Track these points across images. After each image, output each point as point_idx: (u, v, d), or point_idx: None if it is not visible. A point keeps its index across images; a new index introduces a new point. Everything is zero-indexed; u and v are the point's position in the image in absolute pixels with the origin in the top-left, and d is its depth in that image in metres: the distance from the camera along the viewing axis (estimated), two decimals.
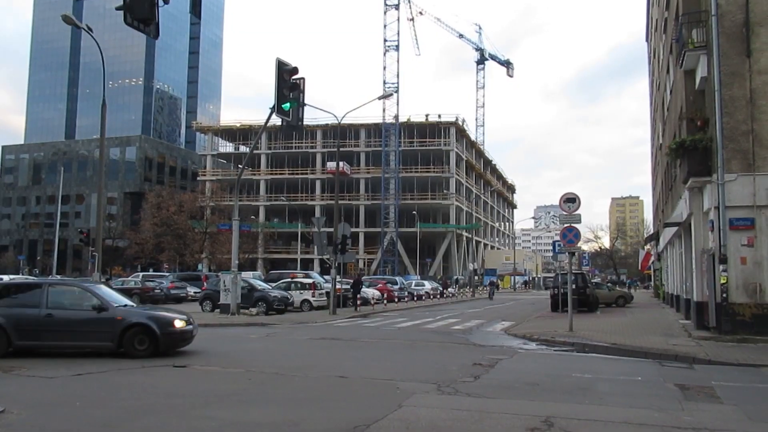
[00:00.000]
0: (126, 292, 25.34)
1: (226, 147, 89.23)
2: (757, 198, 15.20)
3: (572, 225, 17.90)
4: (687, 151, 16.39)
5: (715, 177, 15.54)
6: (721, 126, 15.40)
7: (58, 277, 41.28)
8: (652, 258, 45.63)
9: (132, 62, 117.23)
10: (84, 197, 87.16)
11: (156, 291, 34.41)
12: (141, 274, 44.31)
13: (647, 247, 52.94)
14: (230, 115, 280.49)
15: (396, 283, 40.98)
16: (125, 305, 12.38)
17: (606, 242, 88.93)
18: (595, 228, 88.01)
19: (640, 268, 54.62)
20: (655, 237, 38.71)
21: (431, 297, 42.26)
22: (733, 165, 15.38)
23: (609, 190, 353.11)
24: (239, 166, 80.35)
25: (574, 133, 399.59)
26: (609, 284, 47.05)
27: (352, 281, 31.43)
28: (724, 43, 15.66)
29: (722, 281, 15.29)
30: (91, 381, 9.34)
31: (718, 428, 6.72)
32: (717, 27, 15.68)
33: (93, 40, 20.22)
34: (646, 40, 42.60)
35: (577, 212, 17.82)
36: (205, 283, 32.82)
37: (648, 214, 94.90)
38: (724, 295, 15.27)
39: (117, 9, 9.90)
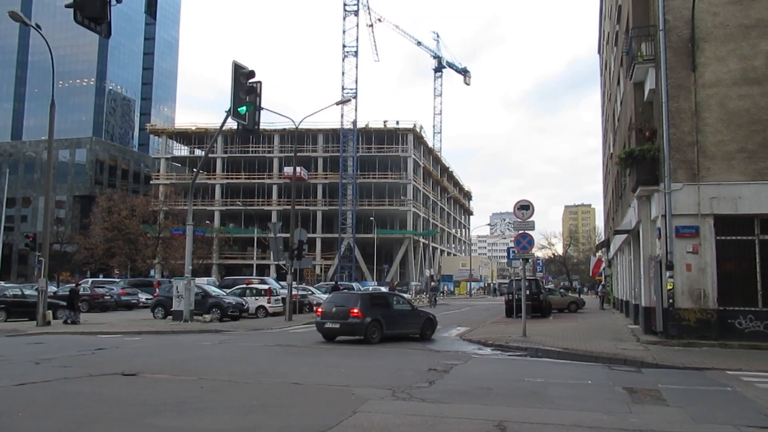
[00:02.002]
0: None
1: (181, 150, 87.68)
2: (701, 207, 15.74)
3: (526, 232, 18.18)
4: (636, 160, 16.86)
5: (662, 186, 16.03)
6: (668, 137, 15.91)
7: (1, 283, 39.75)
8: (603, 264, 46.72)
9: (83, 62, 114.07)
10: (31, 200, 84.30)
11: (106, 297, 33.50)
12: (90, 279, 43.06)
13: (598, 253, 54.21)
14: (187, 118, 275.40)
15: (352, 290, 40.84)
16: None
17: (559, 249, 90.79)
18: (549, 235, 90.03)
19: (591, 274, 55.84)
20: (605, 244, 39.66)
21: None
22: (679, 175, 15.89)
23: (563, 199, 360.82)
24: (194, 169, 79.11)
25: (533, 143, 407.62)
26: (562, 290, 47.96)
27: (331, 287, 33.38)
28: (671, 57, 16.21)
29: (669, 287, 15.75)
30: (35, 390, 9.02)
31: (663, 430, 6.91)
32: (664, 41, 16.22)
33: (42, 38, 19.63)
34: (599, 53, 43.78)
35: (531, 219, 18.10)
36: (157, 290, 32.12)
37: (599, 222, 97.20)
38: (671, 300, 15.73)
39: (67, 6, 9.65)
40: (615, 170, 26.57)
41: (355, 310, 16.49)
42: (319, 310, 17.54)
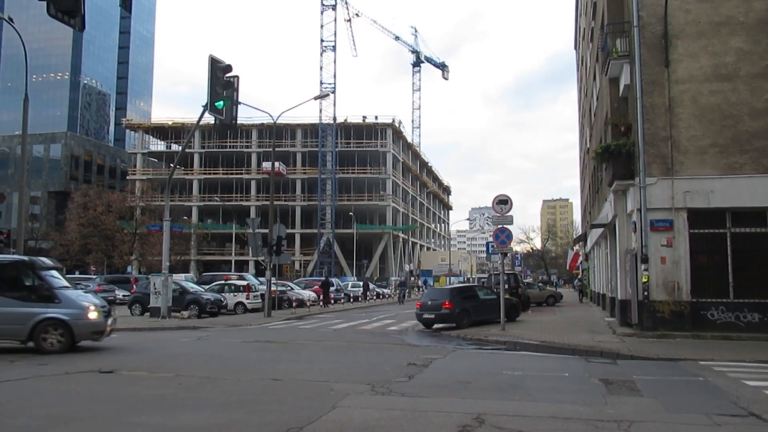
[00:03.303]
0: None
1: (158, 145, 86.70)
2: (675, 200, 16.00)
3: (504, 226, 18.31)
4: (612, 155, 17.08)
5: (637, 180, 16.26)
6: (643, 132, 16.14)
7: None
8: (581, 258, 47.24)
9: (58, 56, 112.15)
10: (5, 196, 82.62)
11: None
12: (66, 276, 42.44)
13: (576, 247, 54.79)
14: (163, 113, 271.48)
15: (332, 285, 40.85)
16: None
17: (538, 243, 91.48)
18: (527, 229, 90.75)
19: (568, 267, 56.45)
20: (583, 238, 40.09)
21: (372, 298, 42.37)
22: (654, 169, 16.14)
23: (541, 193, 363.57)
24: (171, 164, 78.23)
25: (511, 138, 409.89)
26: (540, 284, 48.42)
27: (322, 282, 34.88)
28: (645, 53, 16.42)
29: (644, 280, 16.00)
30: (9, 388, 8.89)
31: (638, 419, 7.04)
32: (639, 37, 16.43)
33: (15, 31, 19.27)
34: (575, 48, 44.15)
35: (509, 213, 18.25)
36: (134, 286, 31.80)
37: (577, 216, 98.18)
38: (646, 293, 15.99)
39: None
40: (592, 165, 26.86)
41: (447, 303, 19.54)
42: (419, 303, 20.64)
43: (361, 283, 44.30)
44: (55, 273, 13.64)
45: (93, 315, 13.00)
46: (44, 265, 13.44)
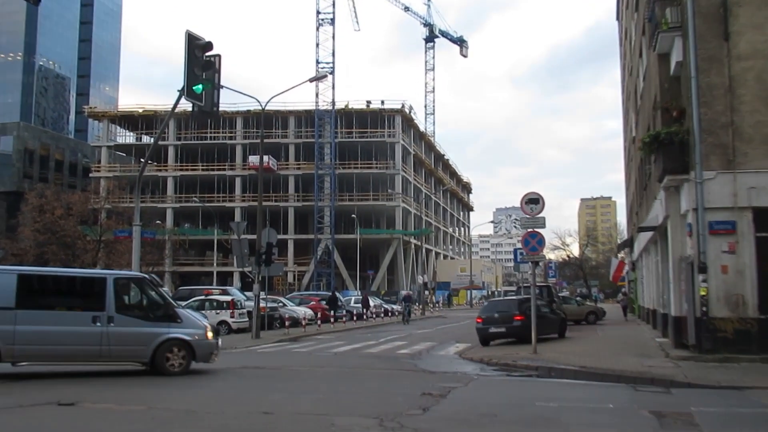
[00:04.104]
0: None
1: (126, 137, 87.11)
2: (738, 198, 15.88)
3: (535, 230, 18.26)
4: (662, 145, 16.98)
5: (692, 175, 16.16)
6: (699, 117, 16.04)
7: None
8: (626, 268, 47.09)
9: (9, 33, 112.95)
10: None
11: None
12: None
13: (620, 255, 54.62)
14: (133, 99, 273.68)
15: (339, 300, 40.97)
16: None
17: (575, 250, 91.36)
18: (563, 234, 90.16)
19: (611, 278, 56.31)
20: (628, 243, 39.98)
21: (374, 316, 42.38)
22: (713, 161, 16.04)
23: (579, 191, 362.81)
24: (142, 159, 78.57)
25: (543, 125, 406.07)
26: (578, 298, 48.30)
27: (328, 297, 36.37)
28: (701, 24, 16.32)
29: (702, 293, 15.90)
30: None
31: None
32: (692, 6, 16.31)
33: None
34: (617, 19, 44.04)
35: (540, 215, 18.18)
36: None
37: (621, 218, 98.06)
38: (704, 308, 15.88)
39: None
40: (638, 157, 26.76)
41: (519, 315, 20.66)
42: (479, 318, 21.88)
43: (374, 299, 44.41)
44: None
45: (210, 335, 14.42)
46: (160, 282, 14.52)
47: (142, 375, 14.14)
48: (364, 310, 40.54)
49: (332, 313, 35.77)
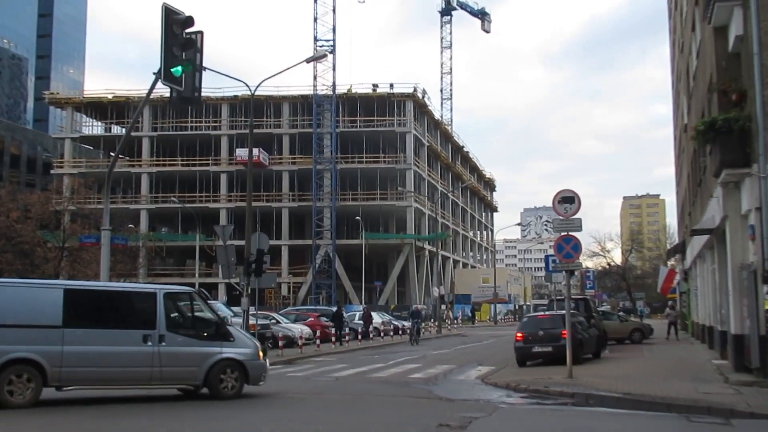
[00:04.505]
0: None
1: (93, 127, 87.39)
2: None
3: (570, 234, 18.24)
4: (719, 133, 16.91)
5: (755, 168, 16.08)
6: (762, 101, 15.95)
7: None
8: (677, 277, 46.92)
9: None
10: None
11: None
12: None
13: (671, 262, 54.44)
14: (101, 83, 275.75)
15: (343, 317, 40.96)
16: None
17: (617, 257, 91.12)
18: (603, 238, 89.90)
19: (659, 290, 56.10)
20: (680, 249, 39.82)
21: (382, 335, 42.35)
22: None
23: (622, 188, 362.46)
24: (111, 153, 78.86)
25: (579, 112, 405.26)
26: (621, 313, 48.13)
27: (332, 313, 37.44)
28: None
29: (766, 307, 15.84)
30: None
31: None
32: None
33: None
34: None
35: (576, 216, 18.17)
36: None
37: (672, 219, 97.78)
38: None
39: None
40: (691, 148, 26.67)
41: (565, 333, 20.01)
42: (520, 335, 22.09)
43: (382, 315, 44.39)
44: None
45: (261, 354, 15.16)
46: (209, 295, 15.25)
47: (120, 408, 14.18)
48: (368, 327, 40.71)
49: (337, 332, 36.03)
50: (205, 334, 14.71)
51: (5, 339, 12.75)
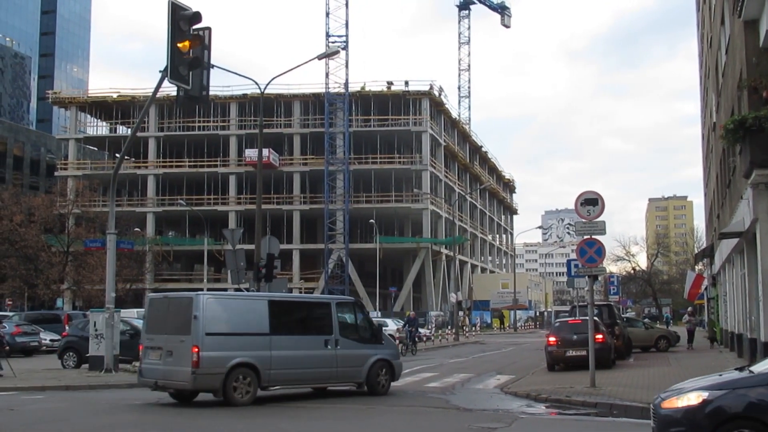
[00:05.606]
0: None
1: (98, 127, 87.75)
2: None
3: (594, 237, 18.19)
4: (749, 132, 16.83)
5: None
6: None
7: None
8: (705, 282, 46.64)
9: None
10: None
11: None
12: None
13: (699, 267, 54.11)
14: (106, 82, 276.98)
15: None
16: None
17: (642, 261, 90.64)
18: (628, 242, 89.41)
19: (686, 296, 55.77)
20: (708, 253, 39.59)
21: (397, 342, 42.31)
22: None
23: (648, 189, 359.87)
24: (117, 154, 79.19)
25: (603, 109, 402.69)
26: (646, 320, 47.89)
27: (406, 319, 40.16)
28: None
29: None
30: None
31: None
32: None
33: None
34: None
35: (600, 219, 18.12)
36: (67, 327, 32.20)
37: (700, 221, 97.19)
38: None
39: None
40: (720, 147, 26.54)
41: (600, 336, 21.20)
42: (553, 339, 23.15)
43: (396, 322, 44.09)
44: None
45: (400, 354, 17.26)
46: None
47: (120, 417, 14.23)
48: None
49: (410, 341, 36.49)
50: (365, 337, 17.51)
51: (230, 346, 15.14)
